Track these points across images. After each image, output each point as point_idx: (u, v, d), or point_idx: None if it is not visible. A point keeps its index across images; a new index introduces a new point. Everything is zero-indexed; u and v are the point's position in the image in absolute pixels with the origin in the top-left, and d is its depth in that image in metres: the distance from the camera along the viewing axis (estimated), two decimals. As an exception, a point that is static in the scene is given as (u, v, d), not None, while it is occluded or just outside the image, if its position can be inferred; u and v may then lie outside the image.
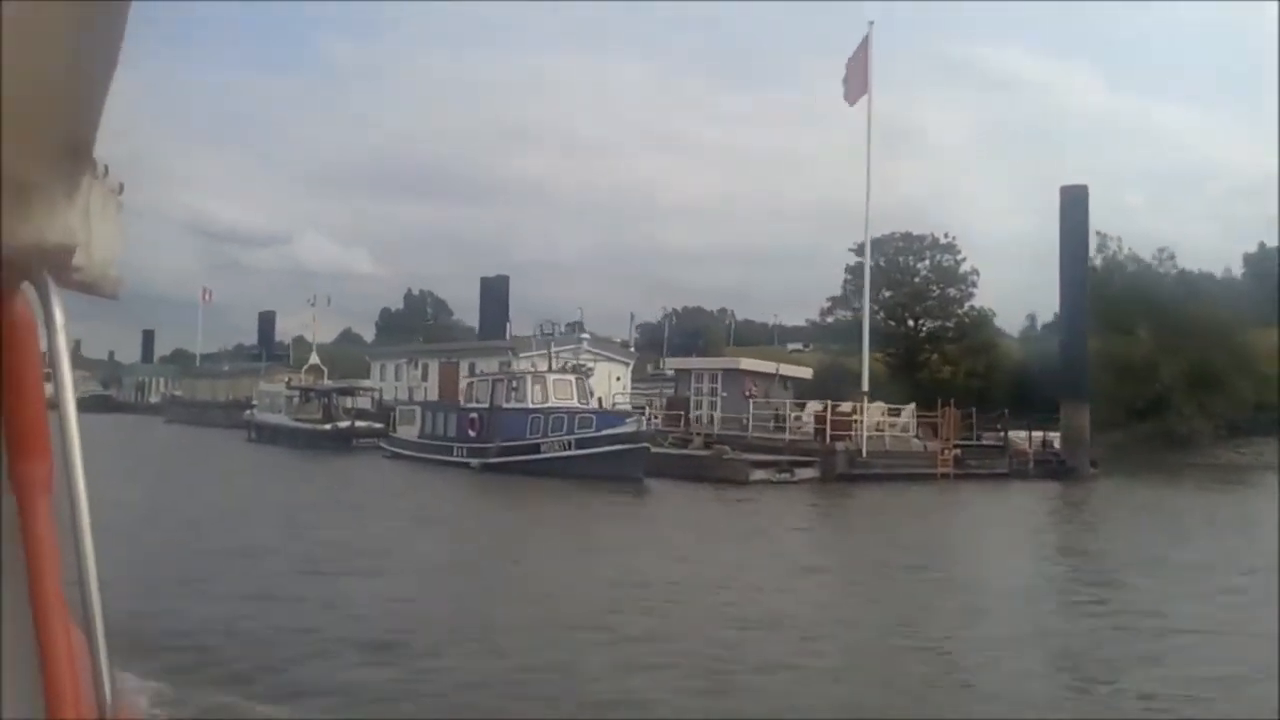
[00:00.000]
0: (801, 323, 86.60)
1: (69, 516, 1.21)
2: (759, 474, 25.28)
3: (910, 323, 63.16)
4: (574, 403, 29.12)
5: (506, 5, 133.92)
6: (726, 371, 34.20)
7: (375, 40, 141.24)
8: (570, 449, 26.28)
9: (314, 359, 44.14)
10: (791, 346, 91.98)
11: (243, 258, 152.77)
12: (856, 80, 27.83)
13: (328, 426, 38.55)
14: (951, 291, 62.86)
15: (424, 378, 47.28)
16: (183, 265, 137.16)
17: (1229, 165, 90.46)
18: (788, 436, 29.85)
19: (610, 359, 43.98)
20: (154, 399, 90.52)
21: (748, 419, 32.32)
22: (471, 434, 29.87)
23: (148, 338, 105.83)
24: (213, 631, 9.17)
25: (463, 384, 42.51)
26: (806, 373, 36.48)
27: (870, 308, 66.88)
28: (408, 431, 33.65)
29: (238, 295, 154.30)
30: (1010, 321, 67.01)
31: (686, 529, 19.15)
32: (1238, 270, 64.49)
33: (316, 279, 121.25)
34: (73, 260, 1.28)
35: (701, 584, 12.79)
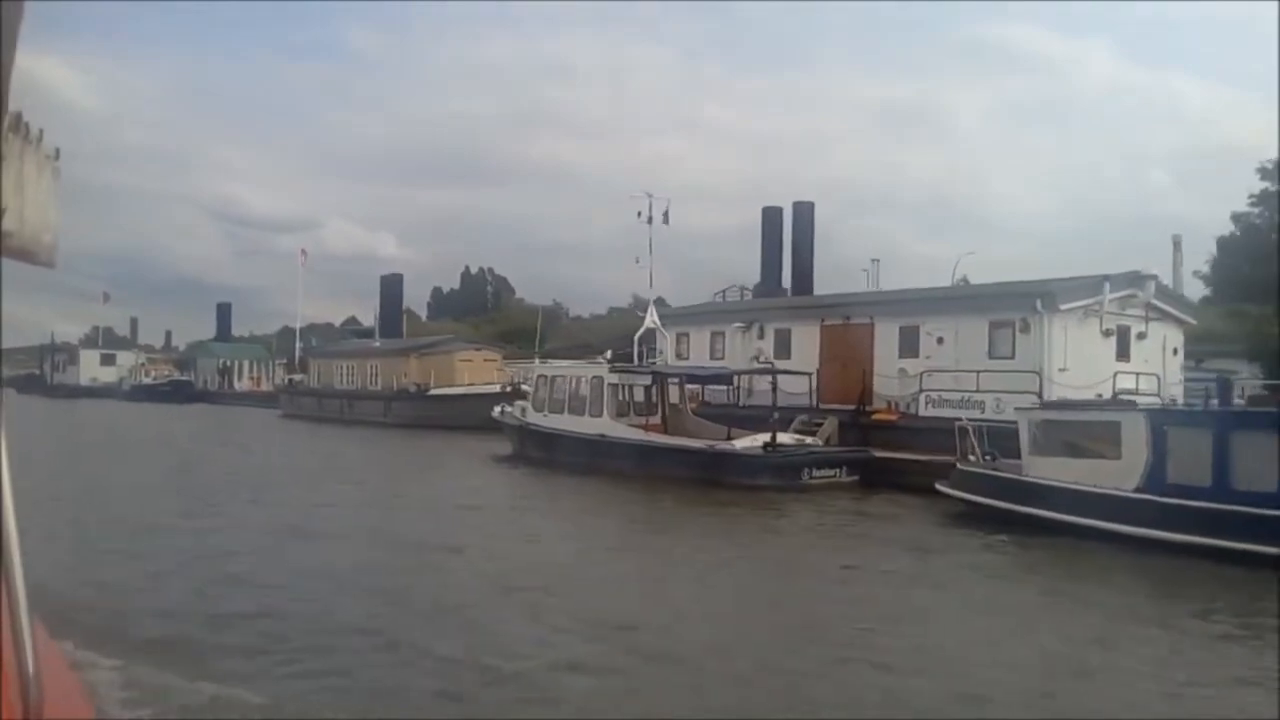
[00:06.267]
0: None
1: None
2: None
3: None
4: None
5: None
6: None
7: (396, 27, 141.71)
8: None
9: (652, 318, 25.14)
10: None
11: (267, 243, 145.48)
12: None
13: (753, 447, 19.63)
14: None
15: (781, 351, 28.33)
16: (210, 250, 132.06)
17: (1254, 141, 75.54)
18: None
19: (1170, 315, 24.97)
20: (241, 385, 72.55)
21: None
22: None
23: (223, 312, 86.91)
24: None
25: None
26: None
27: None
28: (1080, 471, 14.69)
29: (258, 280, 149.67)
30: None
31: None
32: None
33: (344, 263, 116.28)
34: (1, 225, 1.24)
35: None
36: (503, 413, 27.98)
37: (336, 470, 25.98)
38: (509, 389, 39.99)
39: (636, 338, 25.33)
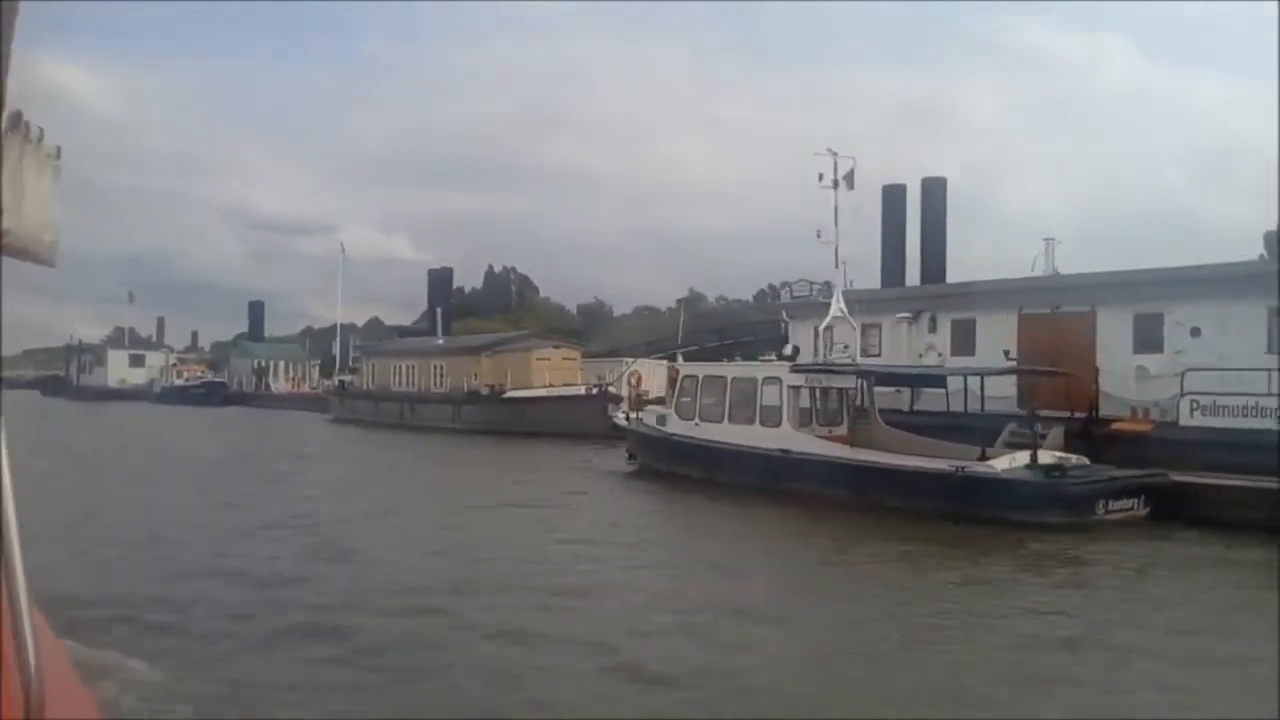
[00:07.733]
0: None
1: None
2: None
3: None
4: None
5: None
6: None
7: (411, 31, 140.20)
8: None
9: (839, 305, 20.24)
10: None
11: (284, 246, 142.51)
12: None
13: (1020, 469, 14.69)
14: None
15: (962, 346, 23.52)
16: (228, 253, 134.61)
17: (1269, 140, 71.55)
18: None
19: None
20: (278, 386, 68.05)
21: None
22: None
23: (255, 311, 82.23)
24: None
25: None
26: None
27: None
28: None
29: (276, 282, 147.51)
30: None
31: None
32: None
33: (361, 266, 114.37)
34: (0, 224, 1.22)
35: None
36: (629, 419, 23.25)
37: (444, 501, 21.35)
38: (595, 390, 35.41)
39: (820, 329, 20.48)
